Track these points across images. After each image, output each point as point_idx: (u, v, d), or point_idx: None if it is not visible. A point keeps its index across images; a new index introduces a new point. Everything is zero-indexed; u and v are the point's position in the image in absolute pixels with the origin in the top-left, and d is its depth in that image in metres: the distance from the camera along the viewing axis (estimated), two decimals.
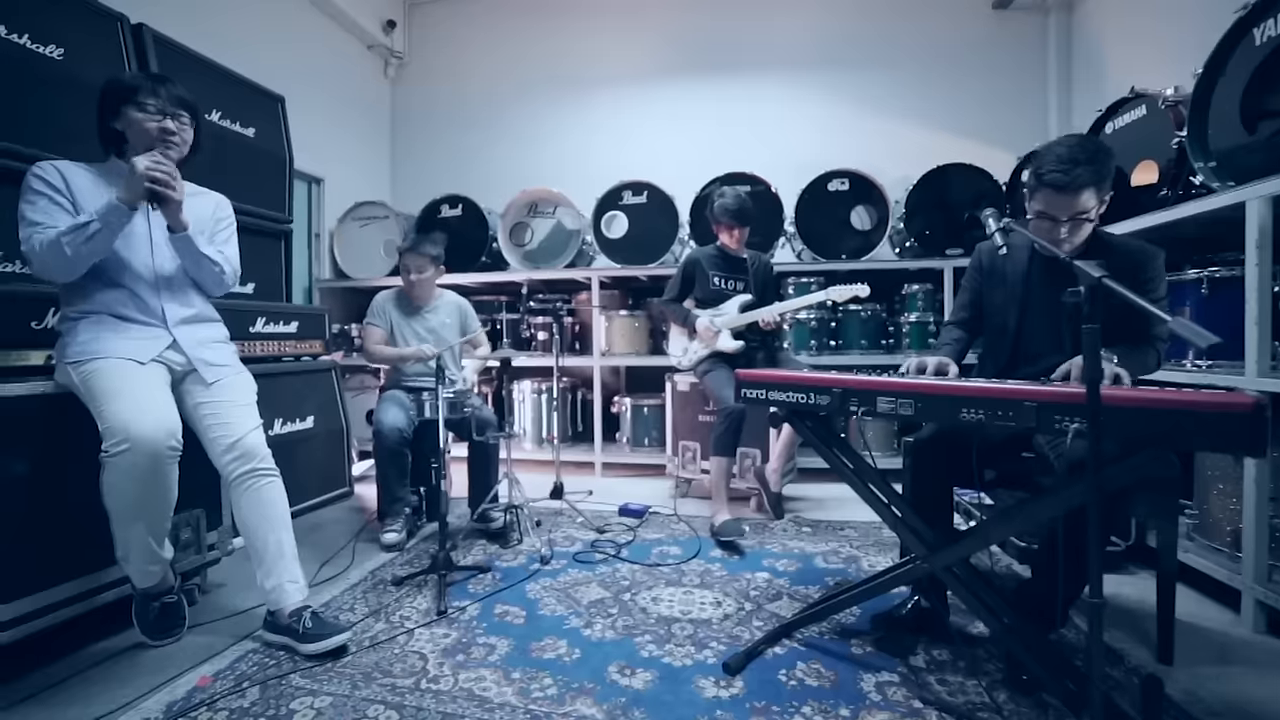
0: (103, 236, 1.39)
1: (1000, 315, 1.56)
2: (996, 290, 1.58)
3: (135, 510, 1.41)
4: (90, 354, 1.43)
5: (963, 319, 1.67)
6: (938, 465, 1.49)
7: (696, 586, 1.89)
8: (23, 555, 1.41)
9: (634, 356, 3.53)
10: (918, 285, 3.22)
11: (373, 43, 4.41)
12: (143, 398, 1.40)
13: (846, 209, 3.31)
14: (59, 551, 1.48)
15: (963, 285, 1.70)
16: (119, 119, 1.48)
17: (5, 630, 1.36)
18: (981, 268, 1.64)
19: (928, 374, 1.41)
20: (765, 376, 1.54)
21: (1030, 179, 1.41)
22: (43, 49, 1.78)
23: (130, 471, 1.35)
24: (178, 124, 1.51)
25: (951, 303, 3.06)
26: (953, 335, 1.64)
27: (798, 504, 2.77)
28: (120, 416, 1.35)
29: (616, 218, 3.59)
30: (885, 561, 2.06)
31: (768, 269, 2.77)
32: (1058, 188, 1.33)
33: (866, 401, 1.30)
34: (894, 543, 2.22)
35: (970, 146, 3.70)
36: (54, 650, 1.52)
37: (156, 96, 1.48)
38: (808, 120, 4.04)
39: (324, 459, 2.76)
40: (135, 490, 1.38)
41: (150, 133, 1.47)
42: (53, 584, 1.46)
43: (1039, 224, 1.39)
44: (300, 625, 1.49)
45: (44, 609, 1.43)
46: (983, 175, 3.15)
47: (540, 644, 1.56)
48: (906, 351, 3.21)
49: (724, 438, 2.31)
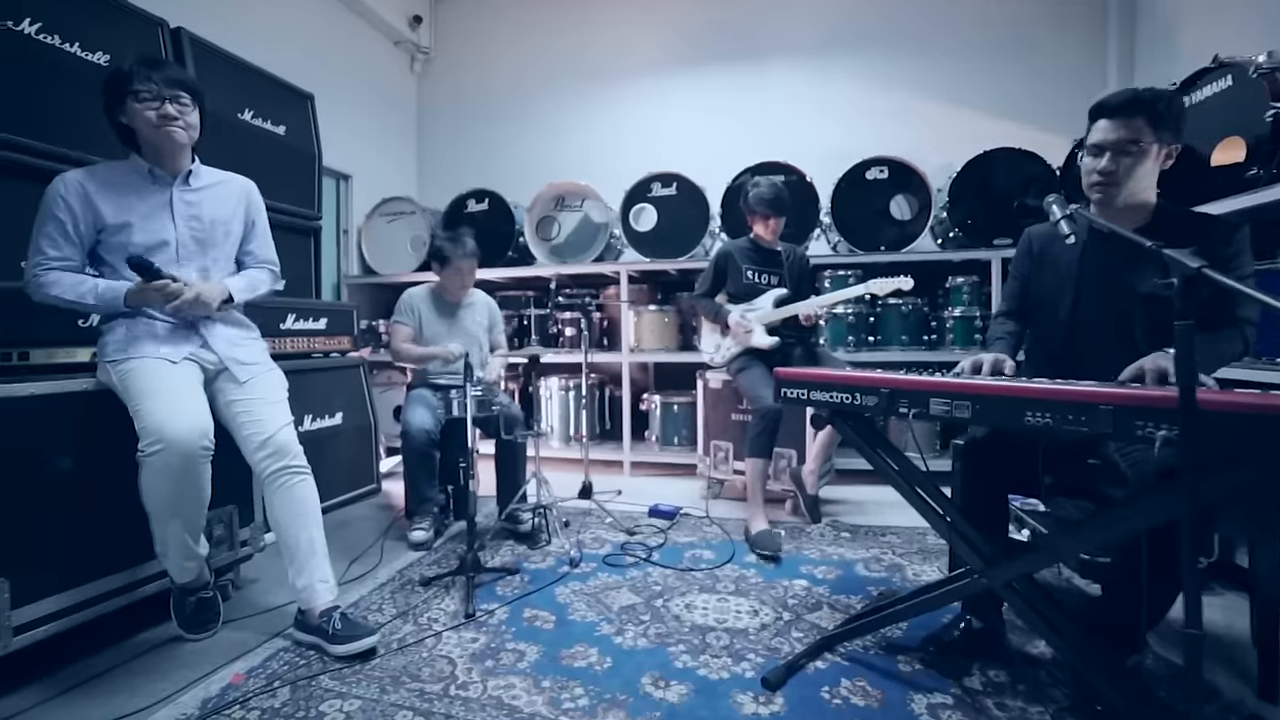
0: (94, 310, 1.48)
1: (1050, 304, 1.46)
2: (1046, 276, 1.48)
3: (171, 508, 1.45)
4: (127, 353, 1.47)
5: (1011, 309, 1.57)
6: (992, 470, 1.41)
7: (731, 594, 1.84)
8: (69, 549, 1.46)
9: (663, 353, 3.48)
10: (962, 278, 3.09)
11: (399, 38, 4.44)
12: (176, 398, 1.43)
13: (885, 198, 3.19)
14: (103, 545, 1.53)
15: (1010, 273, 1.61)
16: (124, 113, 1.48)
17: (55, 621, 1.41)
18: (1031, 252, 1.54)
19: (984, 373, 1.32)
20: (806, 375, 1.47)
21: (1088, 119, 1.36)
22: (90, 56, 1.87)
23: (165, 471, 1.38)
24: (177, 107, 1.48)
25: (997, 295, 2.94)
26: (1004, 328, 1.54)
27: (835, 507, 2.68)
28: (155, 417, 1.38)
29: (645, 210, 3.54)
30: (931, 570, 1.98)
31: (804, 261, 2.69)
32: (1111, 109, 1.30)
33: (918, 403, 1.23)
34: (940, 550, 2.12)
35: (1018, 130, 3.52)
36: (100, 640, 1.57)
37: (150, 82, 1.45)
38: (843, 106, 3.91)
39: (352, 455, 2.79)
40: (170, 489, 1.41)
41: (151, 122, 1.46)
42: (98, 577, 1.51)
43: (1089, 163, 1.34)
44: (330, 626, 1.50)
45: (90, 600, 1.49)
46: (1033, 159, 3.00)
47: (570, 651, 1.53)
48: (950, 348, 3.08)
49: (760, 439, 2.24)
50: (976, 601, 1.41)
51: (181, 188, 1.57)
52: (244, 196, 1.69)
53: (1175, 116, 1.30)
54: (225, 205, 1.64)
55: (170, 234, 1.53)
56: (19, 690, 1.38)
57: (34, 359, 1.58)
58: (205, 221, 1.58)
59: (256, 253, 1.73)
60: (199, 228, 1.57)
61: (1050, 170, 2.97)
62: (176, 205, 1.55)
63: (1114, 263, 1.36)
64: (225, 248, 1.63)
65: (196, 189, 1.59)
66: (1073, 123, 3.31)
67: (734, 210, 3.30)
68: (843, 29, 3.91)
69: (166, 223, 1.53)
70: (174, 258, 1.53)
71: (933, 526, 1.31)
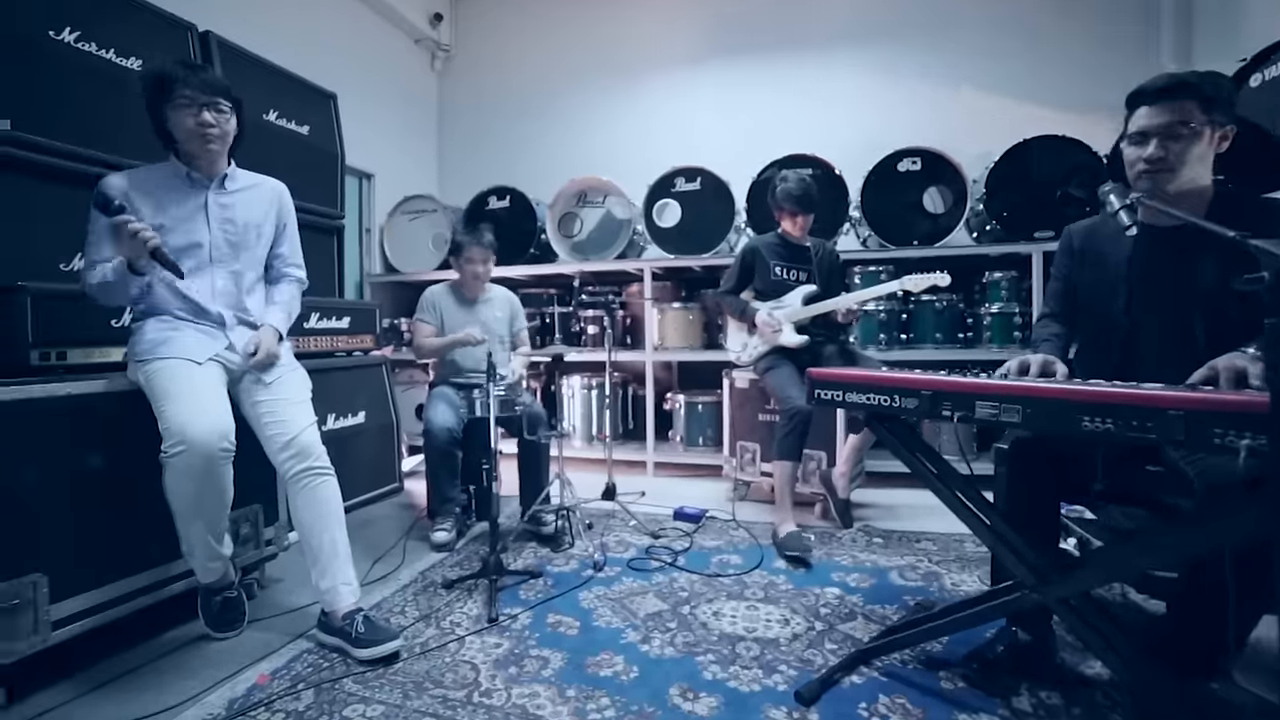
0: (122, 288, 1.46)
1: (1099, 303, 1.38)
2: (1092, 274, 1.40)
3: (193, 509, 1.46)
4: (154, 353, 1.49)
5: (1056, 311, 1.49)
6: (1039, 475, 1.33)
7: (761, 601, 1.79)
8: (103, 546, 1.49)
9: (688, 351, 3.44)
10: (1000, 272, 2.98)
11: (420, 36, 4.45)
12: (198, 400, 1.44)
13: (918, 191, 3.10)
14: (135, 543, 1.56)
15: (1053, 274, 1.53)
16: (166, 119, 1.52)
17: (90, 617, 1.45)
18: (1072, 250, 1.46)
19: (1031, 375, 1.25)
20: (842, 376, 1.41)
21: (1126, 108, 1.29)
22: (124, 61, 1.93)
23: (187, 472, 1.40)
24: (214, 113, 1.52)
25: (1040, 291, 2.83)
26: (1049, 330, 1.46)
27: (867, 511, 2.61)
28: (178, 418, 1.40)
29: (669, 206, 3.49)
30: (970, 579, 1.90)
31: (833, 257, 2.62)
32: (1153, 93, 1.22)
33: (962, 406, 1.16)
34: (979, 558, 2.04)
35: (1060, 117, 3.38)
36: (131, 636, 1.60)
37: (193, 88, 1.48)
38: (873, 96, 3.81)
39: (375, 454, 2.81)
40: (192, 490, 1.43)
41: (189, 129, 1.50)
42: (130, 574, 1.54)
43: (1133, 153, 1.26)
44: (353, 629, 1.50)
45: (122, 597, 1.52)
46: (1077, 147, 2.87)
47: (596, 659, 1.50)
48: (987, 346, 2.97)
49: (788, 440, 2.19)
50: (1023, 614, 1.34)
51: (217, 191, 1.60)
52: (276, 200, 1.72)
53: (1226, 98, 1.22)
54: (258, 208, 1.67)
55: (204, 236, 1.57)
56: (55, 685, 1.42)
57: (71, 359, 1.63)
58: (239, 224, 1.62)
59: (285, 255, 1.76)
60: (232, 230, 1.61)
61: (1096, 158, 2.85)
62: (211, 208, 1.58)
63: (1167, 257, 1.27)
64: (257, 250, 1.66)
65: (231, 192, 1.63)
66: (1119, 109, 3.18)
67: (760, 205, 3.23)
68: (873, 17, 3.81)
69: (201, 225, 1.57)
70: (207, 259, 1.56)
71: (979, 537, 1.25)
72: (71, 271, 1.85)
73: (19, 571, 1.32)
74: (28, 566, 1.34)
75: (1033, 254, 2.85)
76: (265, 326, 1.65)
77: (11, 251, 1.69)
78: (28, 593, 1.32)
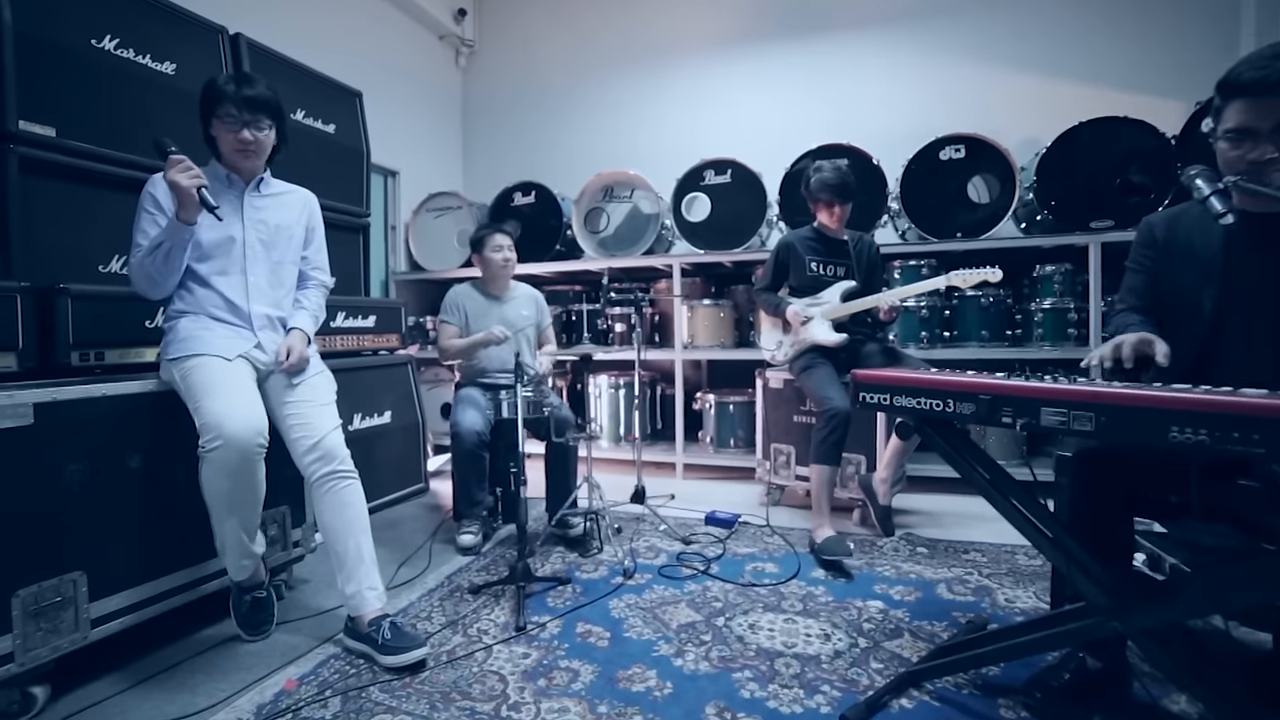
0: (174, 253, 1.50)
1: (1188, 301, 1.27)
2: (1179, 268, 1.29)
3: (228, 505, 1.49)
4: (187, 351, 1.52)
5: (1137, 306, 1.37)
6: (1111, 487, 1.24)
7: (799, 614, 1.72)
8: (136, 546, 1.52)
9: (719, 349, 3.37)
10: (1053, 266, 2.84)
11: (444, 33, 4.46)
12: (233, 395, 1.47)
13: (962, 180, 2.97)
14: (169, 542, 1.60)
15: (1129, 268, 1.41)
16: (211, 128, 1.62)
17: (127, 615, 1.49)
18: (1155, 243, 1.34)
19: (1126, 356, 1.14)
20: (889, 378, 1.34)
21: (1217, 96, 1.14)
22: (159, 66, 2.02)
23: (223, 467, 1.43)
24: (253, 131, 1.60)
25: (1098, 285, 2.68)
26: (1128, 321, 1.34)
27: (908, 518, 2.51)
28: (214, 414, 1.43)
29: (698, 199, 3.43)
30: (1025, 595, 1.80)
31: (872, 251, 2.52)
32: (1258, 86, 1.08)
33: (1026, 412, 1.08)
34: (1033, 572, 1.94)
35: (1119, 98, 3.20)
36: (167, 633, 1.64)
37: (236, 106, 1.56)
38: (911, 81, 3.66)
39: (400, 454, 2.82)
40: (227, 485, 1.46)
41: (230, 144, 1.59)
42: (165, 573, 1.58)
43: (1232, 152, 1.12)
44: (380, 635, 1.50)
45: (158, 596, 1.56)
46: (1141, 129, 2.70)
47: (627, 673, 1.45)
48: (1038, 344, 2.83)
49: (827, 444, 2.11)
50: (1093, 644, 1.24)
51: (252, 193, 1.67)
52: (306, 206, 1.80)
53: None
54: (289, 212, 1.74)
55: (238, 233, 1.63)
56: (94, 681, 1.46)
57: (108, 359, 1.70)
58: (271, 226, 1.68)
59: (312, 259, 1.82)
60: (265, 231, 1.67)
61: (1163, 140, 2.67)
62: (247, 209, 1.65)
63: (1271, 249, 1.16)
64: (289, 251, 1.73)
65: (265, 195, 1.70)
66: (1191, 83, 2.99)
67: (793, 198, 3.14)
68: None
69: (236, 223, 1.63)
70: (240, 256, 1.62)
71: (1045, 555, 1.16)
72: (110, 273, 1.93)
73: (60, 569, 1.36)
74: (68, 564, 1.38)
75: (1089, 245, 2.70)
76: (294, 331, 1.69)
77: (53, 254, 1.77)
78: (69, 590, 1.37)
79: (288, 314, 1.72)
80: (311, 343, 1.73)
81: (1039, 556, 2.03)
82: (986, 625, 1.57)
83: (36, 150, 1.74)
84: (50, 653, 1.33)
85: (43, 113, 1.75)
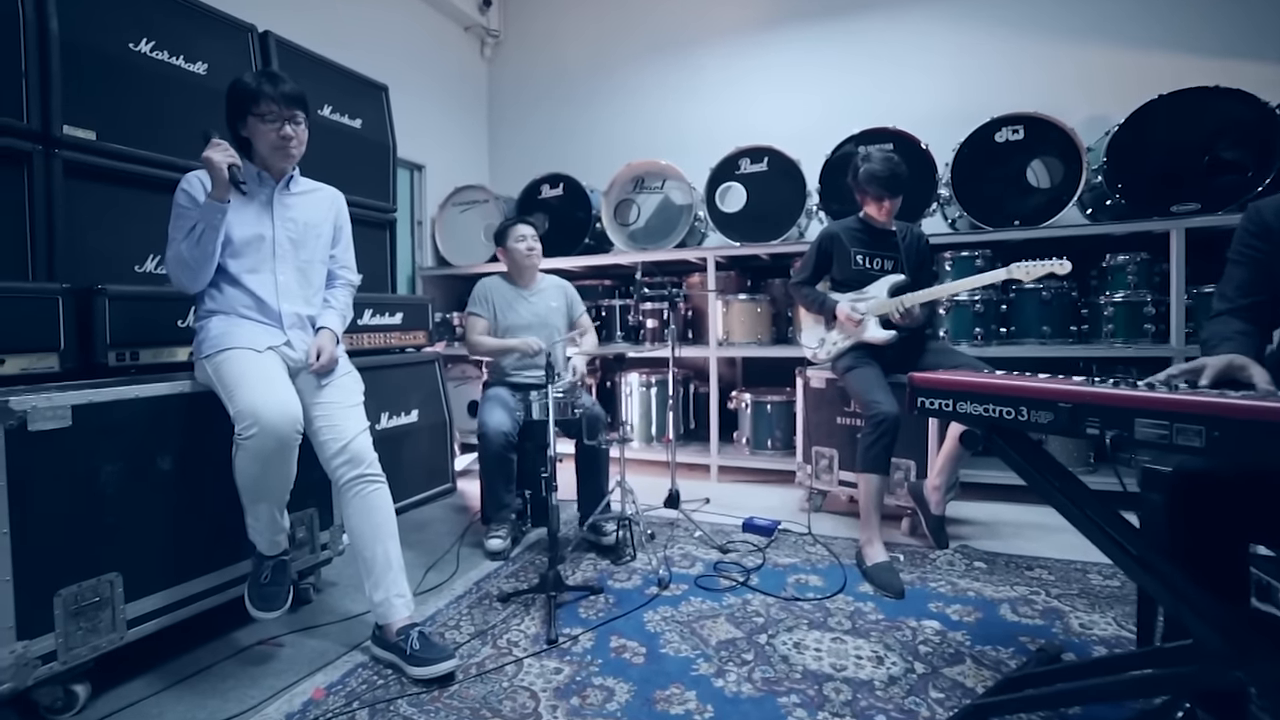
0: (208, 236, 1.52)
1: None
2: None
3: (259, 491, 1.52)
4: (219, 346, 1.55)
5: (1240, 306, 1.24)
6: (1220, 510, 1.11)
7: (848, 633, 1.64)
8: (170, 547, 1.55)
9: (755, 346, 3.27)
10: (1125, 255, 2.66)
11: (469, 23, 4.44)
12: (269, 384, 1.50)
13: (1020, 163, 2.81)
14: (201, 544, 1.62)
15: (1232, 259, 1.27)
16: (245, 127, 1.62)
17: (161, 616, 1.52)
18: (1268, 229, 1.21)
19: (1206, 381, 1.04)
20: (952, 383, 1.25)
21: None
22: (192, 67, 2.08)
23: (259, 454, 1.45)
24: (293, 126, 1.62)
25: (1180, 276, 2.50)
26: (1231, 328, 1.20)
27: (962, 528, 2.39)
28: (250, 402, 1.45)
29: (733, 189, 3.33)
30: (1104, 622, 1.65)
31: (922, 243, 2.40)
32: None
33: (1116, 423, 0.97)
34: (1110, 594, 1.80)
35: (1206, 64, 2.96)
36: (199, 635, 1.67)
37: (275, 102, 1.58)
38: (962, 57, 3.48)
39: (428, 453, 2.82)
40: (260, 471, 1.48)
41: (271, 141, 1.61)
42: (197, 575, 1.61)
43: None
44: (408, 645, 1.49)
45: (190, 598, 1.59)
46: (1235, 99, 2.47)
47: (665, 693, 1.40)
48: (1108, 341, 2.66)
49: (874, 450, 2.01)
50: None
51: (282, 192, 1.69)
52: (333, 204, 1.81)
53: None
54: (318, 210, 1.76)
55: (268, 231, 1.65)
56: (130, 682, 1.49)
57: (143, 359, 1.76)
58: (299, 224, 1.70)
59: (339, 257, 1.83)
60: (294, 229, 1.69)
61: (1263, 110, 2.45)
62: (276, 207, 1.67)
63: None
64: (318, 250, 1.75)
65: (295, 193, 1.72)
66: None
67: (835, 186, 3.03)
68: None
69: (266, 221, 1.65)
70: (270, 254, 1.64)
71: (1148, 590, 1.06)
72: (145, 273, 1.99)
73: (98, 570, 1.40)
74: (105, 565, 1.42)
75: (1171, 231, 2.51)
76: (323, 331, 1.71)
77: (90, 254, 1.84)
78: (106, 590, 1.41)
79: (317, 313, 1.74)
80: (340, 342, 1.74)
81: (1115, 576, 1.90)
82: (1060, 655, 1.46)
83: (78, 154, 1.82)
84: (90, 652, 1.37)
85: (83, 116, 1.83)
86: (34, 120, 1.74)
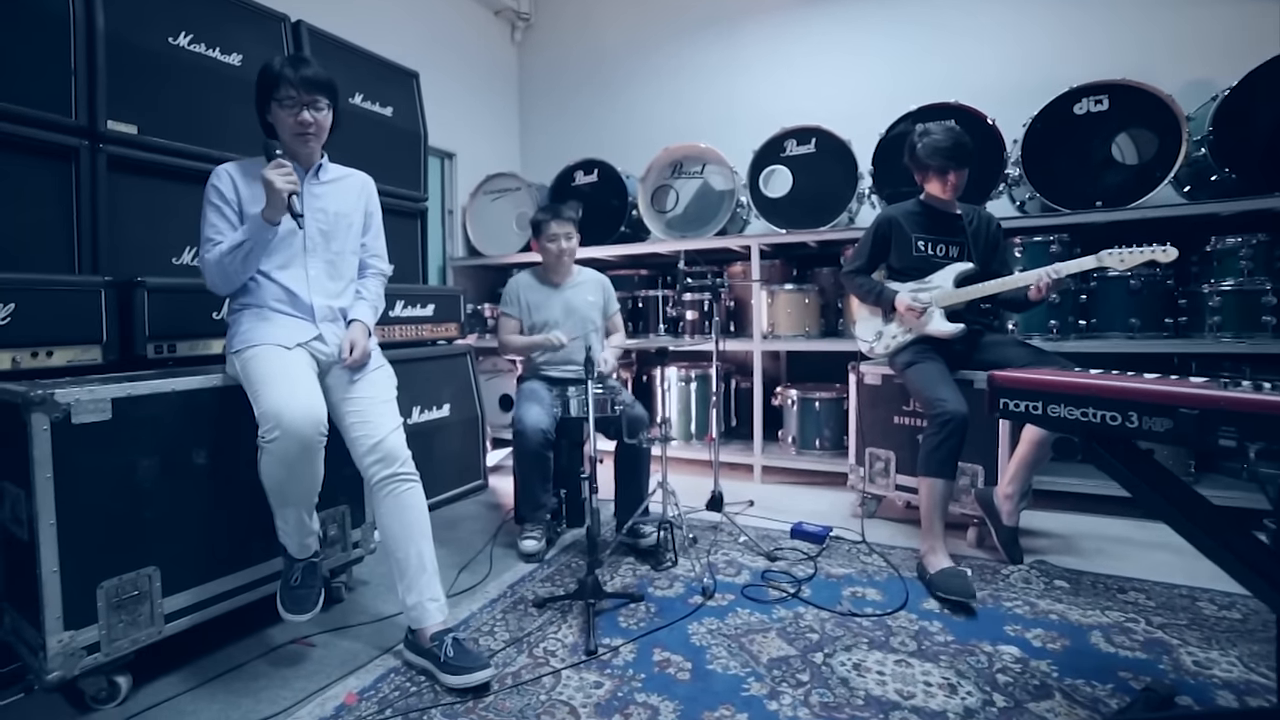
0: (255, 253, 1.54)
1: None
2: None
3: (286, 494, 1.51)
4: (249, 342, 1.55)
5: None
6: None
7: (913, 655, 1.53)
8: (205, 542, 1.57)
9: (803, 339, 3.15)
10: (1235, 238, 2.42)
11: (499, 8, 4.40)
12: (292, 385, 1.48)
13: (1104, 137, 2.60)
14: (236, 540, 1.63)
15: None
16: (270, 113, 1.62)
17: (196, 612, 1.54)
18: None
19: None
20: (1042, 383, 1.14)
21: None
22: (227, 58, 2.13)
23: (283, 458, 1.44)
24: (312, 112, 1.60)
25: None
26: None
27: (1036, 541, 2.23)
28: (272, 403, 1.43)
29: (777, 173, 3.21)
30: (1224, 661, 1.46)
31: (992, 227, 2.24)
32: None
33: (1260, 433, 0.86)
34: (1229, 627, 1.61)
35: None
36: (232, 631, 1.69)
37: (294, 87, 1.57)
38: (1031, 23, 3.25)
39: (460, 449, 2.81)
40: (287, 474, 1.48)
41: (289, 127, 1.60)
42: (231, 571, 1.63)
43: None
44: (442, 652, 1.47)
45: (224, 594, 1.61)
46: None
47: (714, 715, 1.32)
48: (1214, 335, 2.42)
49: (940, 453, 1.88)
50: None
51: (311, 181, 1.68)
52: (364, 190, 1.80)
53: None
54: (348, 199, 1.74)
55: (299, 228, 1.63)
56: (166, 676, 1.51)
57: (179, 351, 1.81)
58: (330, 214, 1.69)
59: (370, 245, 1.82)
60: (324, 220, 1.68)
61: None
62: (306, 199, 1.65)
63: None
64: (349, 240, 1.74)
65: (324, 182, 1.71)
66: None
67: (890, 167, 2.87)
68: None
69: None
70: (301, 248, 1.64)
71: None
72: (182, 265, 2.03)
73: (138, 563, 1.43)
74: (143, 559, 1.44)
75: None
76: (355, 323, 1.69)
77: (129, 247, 1.89)
78: (145, 584, 1.44)
79: (349, 305, 1.72)
80: (372, 335, 1.72)
81: (1233, 606, 1.72)
82: (1174, 697, 1.30)
83: (121, 148, 1.87)
84: (130, 644, 1.40)
85: (126, 111, 1.87)
86: (81, 116, 1.78)
